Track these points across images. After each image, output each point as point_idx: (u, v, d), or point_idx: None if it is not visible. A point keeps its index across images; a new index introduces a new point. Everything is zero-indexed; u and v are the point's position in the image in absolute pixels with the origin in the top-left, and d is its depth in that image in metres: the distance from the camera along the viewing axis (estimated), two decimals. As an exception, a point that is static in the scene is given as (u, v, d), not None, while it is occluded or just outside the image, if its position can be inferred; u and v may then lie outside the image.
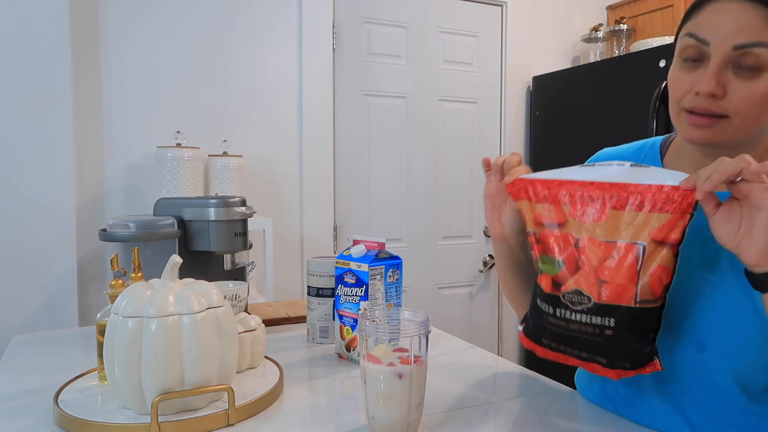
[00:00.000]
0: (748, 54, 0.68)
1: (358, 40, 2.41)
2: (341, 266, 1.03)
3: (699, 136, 0.72)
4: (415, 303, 2.54)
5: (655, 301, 0.67)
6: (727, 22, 0.68)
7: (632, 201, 0.66)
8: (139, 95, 2.04)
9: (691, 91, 0.72)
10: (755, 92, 0.69)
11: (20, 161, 1.76)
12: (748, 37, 0.67)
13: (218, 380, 0.78)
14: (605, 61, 2.39)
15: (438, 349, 1.12)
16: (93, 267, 1.98)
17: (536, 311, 0.76)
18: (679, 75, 0.75)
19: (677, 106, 0.75)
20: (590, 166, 0.72)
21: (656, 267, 0.66)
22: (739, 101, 0.69)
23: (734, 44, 0.68)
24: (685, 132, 0.74)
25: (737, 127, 0.71)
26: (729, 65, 0.70)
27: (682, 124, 0.75)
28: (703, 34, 0.71)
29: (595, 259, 0.68)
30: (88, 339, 1.19)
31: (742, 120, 0.70)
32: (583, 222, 0.70)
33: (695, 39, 0.72)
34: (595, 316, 0.68)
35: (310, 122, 2.30)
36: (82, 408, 0.77)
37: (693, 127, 0.73)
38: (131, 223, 1.25)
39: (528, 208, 0.75)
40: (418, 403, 0.73)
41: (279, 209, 2.28)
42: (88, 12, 1.96)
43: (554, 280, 0.72)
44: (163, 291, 0.76)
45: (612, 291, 0.67)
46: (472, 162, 2.67)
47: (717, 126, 0.71)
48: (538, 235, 0.74)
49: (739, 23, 0.68)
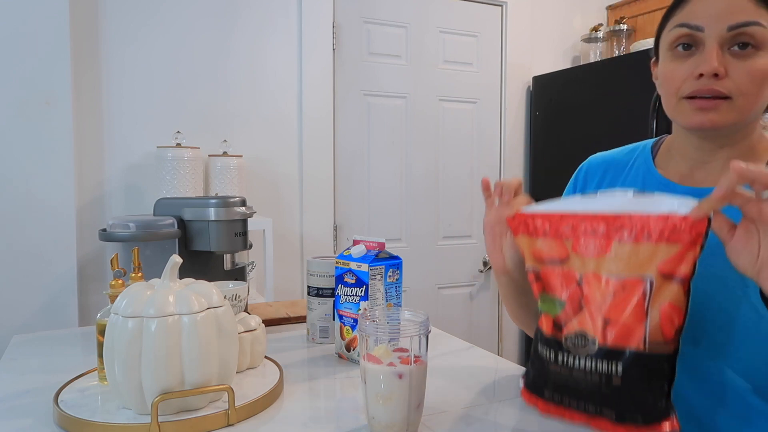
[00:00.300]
0: (742, 34, 0.70)
1: (358, 40, 2.41)
2: (341, 266, 1.03)
3: (705, 119, 0.72)
4: (415, 303, 2.54)
5: (666, 345, 0.60)
6: (718, 6, 0.71)
7: (638, 232, 0.61)
8: (139, 95, 2.04)
9: (690, 77, 0.73)
10: (754, 70, 0.70)
11: (20, 161, 1.76)
12: (740, 17, 0.69)
13: (218, 380, 0.78)
14: (605, 61, 2.39)
15: (438, 349, 1.12)
16: (93, 267, 1.98)
17: (537, 359, 0.70)
18: (674, 66, 0.75)
19: (675, 96, 0.75)
20: (592, 196, 0.68)
21: (666, 305, 0.60)
22: (740, 79, 0.70)
23: (728, 25, 0.70)
24: (689, 119, 0.74)
25: (740, 107, 0.71)
26: (725, 47, 0.71)
27: (684, 112, 0.74)
28: (695, 21, 0.72)
29: (599, 297, 0.63)
30: (88, 339, 1.19)
31: (744, 100, 0.71)
32: (586, 256, 0.65)
33: (687, 27, 0.73)
34: (601, 361, 0.62)
35: (310, 122, 2.30)
36: (82, 408, 0.77)
37: (698, 111, 0.72)
38: (131, 223, 1.25)
39: (527, 243, 0.71)
40: (418, 403, 0.73)
41: (279, 209, 2.28)
42: (88, 12, 1.96)
43: (555, 321, 0.67)
44: (163, 291, 0.76)
45: (618, 332, 0.61)
46: (472, 162, 2.67)
47: (722, 107, 0.71)
48: (538, 272, 0.69)
49: (730, 5, 0.70)
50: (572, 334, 0.64)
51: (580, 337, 0.63)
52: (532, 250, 0.70)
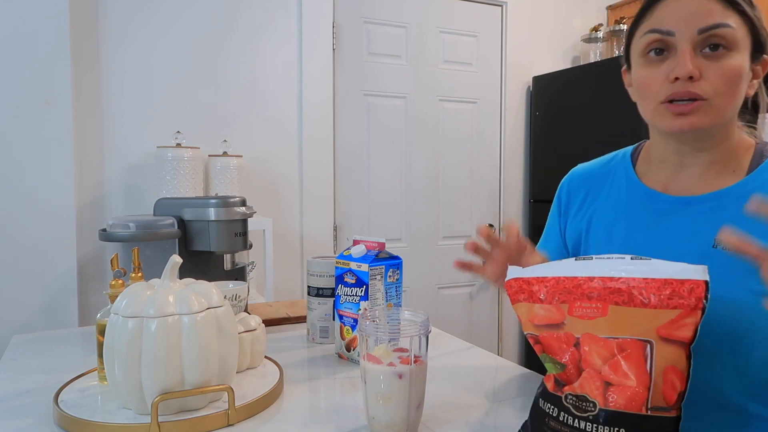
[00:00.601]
0: (713, 36, 0.71)
1: (358, 40, 2.41)
2: (341, 266, 1.03)
3: (685, 123, 0.73)
4: (415, 303, 2.54)
5: (669, 410, 0.59)
6: (688, 10, 0.72)
7: (635, 296, 0.60)
8: (139, 95, 2.04)
9: (665, 81, 0.73)
10: (727, 70, 0.71)
11: (20, 161, 1.76)
12: (710, 20, 0.71)
13: (218, 380, 0.78)
14: (605, 61, 2.39)
15: (438, 349, 1.12)
16: (93, 267, 1.98)
17: (537, 414, 0.68)
18: (648, 71, 0.76)
19: (654, 101, 0.76)
20: (587, 259, 0.67)
21: (667, 368, 0.59)
22: (715, 80, 0.71)
23: (699, 28, 0.71)
24: (669, 123, 0.75)
25: (717, 108, 0.72)
26: (697, 49, 0.72)
27: (663, 116, 0.75)
28: (665, 26, 0.73)
29: (599, 360, 0.61)
30: (88, 339, 1.19)
31: (720, 100, 0.72)
32: (583, 319, 0.63)
33: (658, 33, 0.73)
34: (602, 426, 0.60)
35: (310, 122, 2.30)
36: (82, 408, 0.77)
37: (677, 116, 0.73)
38: (131, 223, 1.25)
39: (525, 310, 0.69)
40: (418, 403, 0.73)
41: (279, 209, 2.28)
42: (88, 12, 1.96)
43: (557, 378, 0.66)
44: (163, 291, 0.76)
45: (620, 395, 0.59)
46: (472, 162, 2.67)
47: (699, 110, 0.72)
48: (537, 336, 0.68)
49: (698, 9, 0.71)
50: (573, 395, 0.63)
51: (581, 399, 0.62)
52: (530, 316, 0.69)
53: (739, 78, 0.72)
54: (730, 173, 0.77)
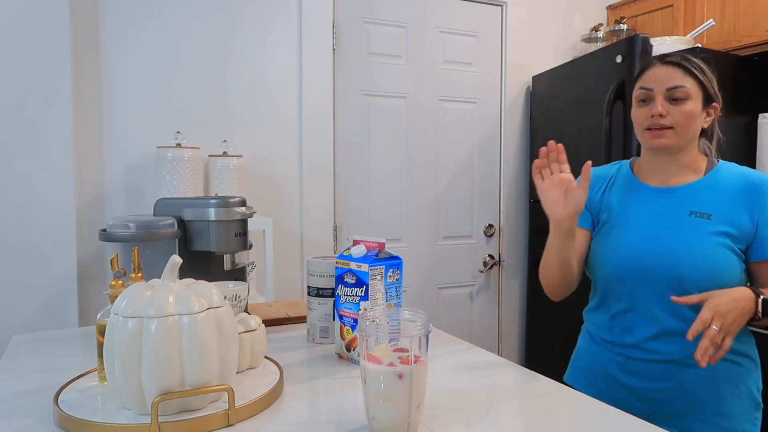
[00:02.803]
0: (676, 91, 1.15)
1: (358, 40, 2.41)
2: (341, 266, 1.03)
3: (660, 142, 1.17)
4: (415, 303, 2.54)
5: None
6: (660, 76, 1.17)
7: None
8: (138, 95, 2.04)
9: (647, 117, 1.18)
10: (683, 111, 1.15)
11: (20, 161, 1.76)
12: (673, 82, 1.16)
13: (218, 380, 0.78)
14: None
15: (438, 349, 1.12)
16: (93, 267, 1.98)
17: None
18: (639, 111, 1.21)
19: (641, 129, 1.20)
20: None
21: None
22: (676, 117, 1.16)
23: (666, 87, 1.16)
24: (651, 142, 1.18)
25: (679, 134, 1.16)
26: (666, 99, 1.16)
27: (647, 138, 1.19)
28: (648, 85, 1.19)
29: None
30: (88, 339, 1.19)
31: (681, 129, 1.16)
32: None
33: (645, 89, 1.19)
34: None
35: (310, 122, 2.30)
36: (82, 408, 0.77)
37: (653, 137, 1.18)
38: (131, 223, 1.25)
39: None
40: (418, 403, 0.73)
41: (279, 209, 2.28)
42: (88, 12, 1.96)
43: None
44: (163, 291, 0.76)
45: None
46: (472, 162, 2.67)
47: (667, 135, 1.16)
48: None
49: (667, 76, 1.17)
50: None
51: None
52: None
53: (692, 116, 1.16)
54: (693, 174, 1.21)
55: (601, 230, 1.26)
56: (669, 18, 2.49)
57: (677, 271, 1.12)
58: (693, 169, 1.21)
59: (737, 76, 2.18)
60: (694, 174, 1.21)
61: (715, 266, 1.11)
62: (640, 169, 1.28)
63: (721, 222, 1.13)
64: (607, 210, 1.27)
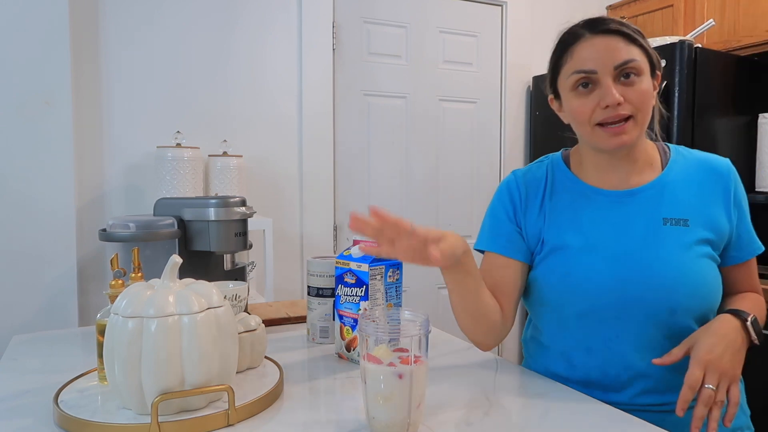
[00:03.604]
0: (626, 68, 0.89)
1: (358, 39, 2.41)
2: (341, 266, 1.03)
3: (620, 141, 0.90)
4: (415, 303, 2.54)
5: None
6: (601, 52, 0.90)
7: None
8: (139, 95, 2.04)
9: (597, 107, 0.90)
10: (641, 90, 0.90)
11: (20, 161, 1.76)
12: (621, 57, 0.89)
13: (218, 380, 0.78)
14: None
15: (438, 349, 1.12)
16: (93, 267, 1.98)
17: None
18: (580, 102, 0.93)
19: (588, 125, 0.92)
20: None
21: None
22: (635, 100, 0.89)
23: (614, 65, 0.89)
24: (606, 142, 0.91)
25: (640, 122, 0.91)
26: (616, 80, 0.90)
27: (599, 137, 0.92)
28: (588, 66, 0.90)
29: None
30: (88, 339, 1.19)
31: (641, 115, 0.91)
32: None
33: (583, 72, 0.91)
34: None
35: (310, 122, 2.30)
36: (82, 408, 0.77)
37: (613, 136, 0.90)
38: (131, 223, 1.25)
39: None
40: (418, 403, 0.73)
41: (279, 209, 2.28)
42: (88, 12, 1.96)
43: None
44: (163, 291, 0.76)
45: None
46: (472, 162, 2.67)
47: (628, 127, 0.90)
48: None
49: (609, 50, 0.90)
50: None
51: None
52: None
53: (650, 95, 0.91)
54: (650, 169, 0.97)
55: (549, 257, 0.97)
56: (669, 18, 2.49)
57: (668, 302, 0.89)
58: (648, 162, 0.98)
59: (737, 76, 2.18)
60: (650, 168, 0.98)
61: (708, 287, 0.92)
62: (581, 167, 1.01)
63: (700, 227, 0.92)
64: (554, 228, 0.97)
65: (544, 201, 1.01)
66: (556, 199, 1.00)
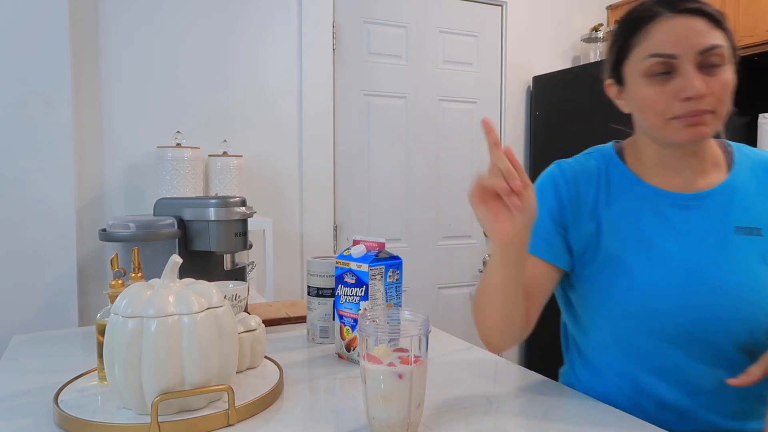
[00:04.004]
0: (712, 55, 0.78)
1: (358, 39, 2.41)
2: (341, 266, 1.03)
3: (697, 132, 0.79)
4: (415, 303, 2.54)
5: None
6: (684, 34, 0.78)
7: None
8: (139, 95, 2.04)
9: (675, 99, 0.79)
10: (725, 83, 0.79)
11: (20, 161, 1.76)
12: (706, 42, 0.78)
13: (218, 380, 0.78)
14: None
15: (438, 349, 1.12)
16: (93, 267, 1.98)
17: None
18: (654, 90, 0.81)
19: (662, 118, 0.81)
20: None
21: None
22: (719, 92, 0.79)
23: (698, 50, 0.78)
24: (680, 133, 0.80)
25: (719, 117, 0.80)
26: (697, 67, 0.79)
27: (674, 130, 0.81)
28: (667, 50, 0.79)
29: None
30: (88, 339, 1.19)
31: (723, 108, 0.80)
32: None
33: (661, 56, 0.79)
34: None
35: (310, 122, 2.30)
36: (82, 408, 0.77)
37: (691, 127, 0.79)
38: (131, 223, 1.25)
39: None
40: (418, 403, 0.73)
41: (279, 209, 2.28)
42: (88, 12, 1.96)
43: None
44: (163, 291, 0.76)
45: None
46: (472, 162, 2.67)
47: (707, 120, 0.79)
48: None
49: (693, 32, 0.78)
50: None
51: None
52: None
53: (732, 87, 0.80)
54: (716, 169, 0.87)
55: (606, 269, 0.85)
56: (669, 18, 2.49)
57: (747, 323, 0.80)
58: (714, 162, 0.88)
59: (737, 76, 2.18)
60: (716, 169, 0.88)
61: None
62: (639, 164, 0.90)
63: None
64: (611, 234, 0.86)
65: (599, 200, 0.88)
66: (613, 200, 0.88)
